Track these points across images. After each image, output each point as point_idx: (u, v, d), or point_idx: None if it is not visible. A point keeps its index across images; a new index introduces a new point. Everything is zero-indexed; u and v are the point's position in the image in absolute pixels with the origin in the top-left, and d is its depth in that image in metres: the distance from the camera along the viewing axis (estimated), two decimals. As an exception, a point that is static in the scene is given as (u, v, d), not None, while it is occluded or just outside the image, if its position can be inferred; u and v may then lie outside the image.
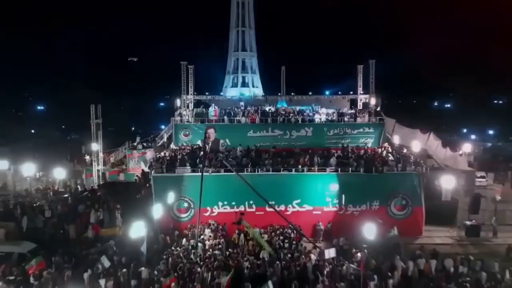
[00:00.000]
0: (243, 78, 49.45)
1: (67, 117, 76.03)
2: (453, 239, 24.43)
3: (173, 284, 15.83)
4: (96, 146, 34.15)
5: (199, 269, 17.36)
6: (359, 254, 18.35)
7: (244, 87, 48.74)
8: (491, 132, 68.73)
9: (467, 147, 33.89)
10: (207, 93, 41.84)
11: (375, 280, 16.21)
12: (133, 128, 72.88)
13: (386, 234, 20.82)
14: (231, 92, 47.56)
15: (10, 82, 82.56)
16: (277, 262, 17.96)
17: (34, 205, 25.42)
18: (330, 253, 17.75)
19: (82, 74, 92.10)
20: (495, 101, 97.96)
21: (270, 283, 15.02)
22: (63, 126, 79.07)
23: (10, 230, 22.36)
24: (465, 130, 68.88)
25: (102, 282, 16.31)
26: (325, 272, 17.02)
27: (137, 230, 18.31)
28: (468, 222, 24.58)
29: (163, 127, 44.09)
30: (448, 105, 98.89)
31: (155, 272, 17.07)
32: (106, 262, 17.18)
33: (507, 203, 27.17)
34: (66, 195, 28.30)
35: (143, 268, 17.19)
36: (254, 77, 49.71)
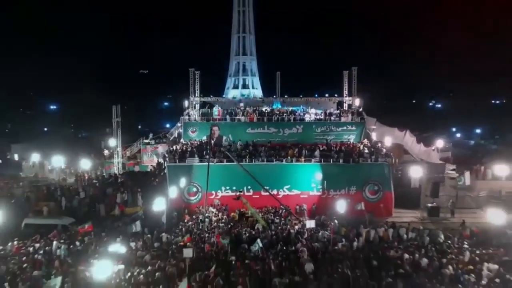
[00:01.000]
0: (244, 80, 54.06)
1: (76, 117, 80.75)
2: (417, 218, 28.94)
3: (188, 243, 20.60)
4: (114, 142, 38.86)
5: (207, 235, 22.30)
6: (332, 224, 23.23)
7: (244, 89, 53.40)
8: (478, 131, 73.36)
9: (439, 143, 38.70)
10: (211, 95, 46.06)
11: (343, 241, 20.99)
12: (139, 127, 77.55)
13: (355, 208, 25.53)
14: (232, 93, 52.27)
15: (13, 82, 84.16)
16: (268, 231, 22.87)
17: (71, 188, 30.36)
18: (310, 223, 22.84)
19: (91, 77, 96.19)
20: (493, 101, 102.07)
21: (259, 240, 19.79)
22: (72, 125, 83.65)
23: (52, 208, 27.21)
24: (454, 129, 73.43)
25: (132, 244, 21.08)
26: (305, 236, 21.89)
27: (159, 204, 23.18)
28: (429, 205, 29.08)
29: (168, 125, 48.46)
30: (439, 106, 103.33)
31: (173, 237, 21.92)
32: (138, 226, 22.06)
33: (468, 190, 31.90)
34: (94, 181, 33.25)
35: (163, 234, 21.98)
36: (254, 79, 54.39)
